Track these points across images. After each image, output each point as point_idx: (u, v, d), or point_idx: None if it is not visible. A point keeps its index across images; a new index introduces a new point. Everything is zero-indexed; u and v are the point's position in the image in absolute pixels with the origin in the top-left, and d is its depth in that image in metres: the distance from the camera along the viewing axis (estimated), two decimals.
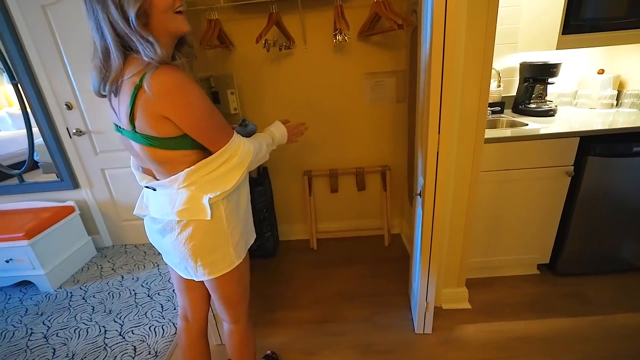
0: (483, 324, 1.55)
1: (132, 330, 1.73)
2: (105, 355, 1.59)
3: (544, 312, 1.60)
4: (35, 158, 2.46)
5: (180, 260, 0.91)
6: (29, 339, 1.75)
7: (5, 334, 1.80)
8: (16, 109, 2.44)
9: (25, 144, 2.38)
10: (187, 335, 1.12)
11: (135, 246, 2.58)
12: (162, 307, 1.88)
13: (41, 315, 1.93)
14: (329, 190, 2.24)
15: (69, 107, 2.21)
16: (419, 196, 1.36)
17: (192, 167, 0.82)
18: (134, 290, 2.06)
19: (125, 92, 0.74)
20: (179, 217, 0.84)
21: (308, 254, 2.25)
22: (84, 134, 2.27)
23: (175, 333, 1.69)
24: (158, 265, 2.30)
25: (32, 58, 2.10)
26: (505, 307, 1.64)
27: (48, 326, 1.83)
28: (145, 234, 1.03)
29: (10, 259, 2.05)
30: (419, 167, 1.36)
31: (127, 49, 0.74)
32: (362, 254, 2.19)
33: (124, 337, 1.69)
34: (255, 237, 1.07)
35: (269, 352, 1.48)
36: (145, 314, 1.84)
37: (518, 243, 1.71)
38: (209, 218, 0.84)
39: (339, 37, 1.65)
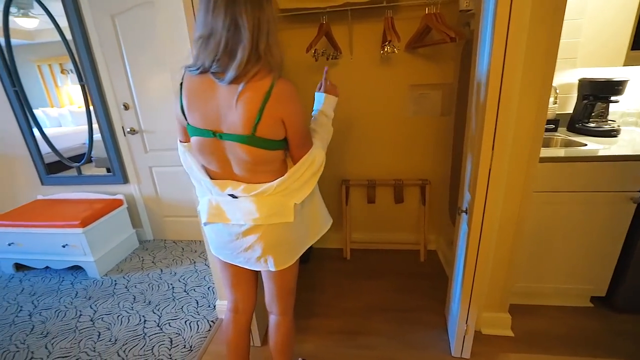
0: (526, 355, 1.45)
1: (169, 323, 1.80)
2: (144, 344, 1.67)
3: (595, 349, 1.46)
4: (87, 151, 2.67)
5: (254, 255, 0.98)
6: (77, 320, 1.87)
7: (58, 313, 1.94)
8: (76, 107, 2.66)
9: (81, 139, 2.59)
10: (235, 326, 1.19)
11: (174, 242, 2.70)
12: (197, 303, 1.95)
13: (89, 299, 2.06)
14: (365, 201, 2.23)
15: (126, 107, 2.38)
16: (464, 213, 1.31)
17: (284, 177, 0.91)
18: (171, 284, 2.15)
19: (250, 97, 0.79)
20: (268, 222, 0.92)
21: (341, 263, 2.23)
22: (136, 132, 2.43)
23: (210, 329, 1.73)
24: (194, 262, 2.39)
25: (99, 62, 2.28)
26: (553, 340, 1.52)
27: (95, 310, 1.95)
28: (182, 233, 1.09)
29: (66, 244, 2.22)
30: (466, 182, 1.32)
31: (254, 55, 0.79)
32: (395, 268, 2.14)
33: (161, 329, 1.76)
34: (329, 225, 1.18)
35: (300, 359, 1.48)
36: (181, 308, 1.91)
37: (569, 271, 1.59)
38: (292, 220, 0.94)
39: (387, 49, 1.65)
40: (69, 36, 2.23)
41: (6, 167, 2.78)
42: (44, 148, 2.61)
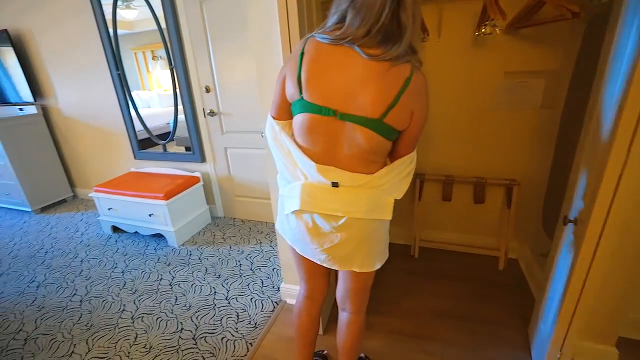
0: None
1: (236, 298, 1.89)
2: (214, 315, 1.78)
3: None
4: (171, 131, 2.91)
5: (340, 254, 0.93)
6: (159, 283, 2.07)
7: (143, 274, 2.17)
8: (162, 90, 2.90)
9: (166, 120, 2.82)
10: (307, 313, 1.18)
11: (242, 221, 2.83)
12: (262, 282, 2.01)
13: (168, 265, 2.26)
14: (440, 198, 2.06)
15: (207, 90, 2.51)
16: (571, 223, 1.11)
17: (389, 166, 0.87)
18: (239, 261, 2.26)
19: (391, 81, 0.74)
20: (368, 216, 0.87)
21: (408, 261, 2.12)
22: (215, 114, 2.56)
23: (273, 310, 1.78)
24: (260, 242, 2.48)
25: (186, 48, 2.43)
26: None
27: (173, 276, 2.14)
28: (251, 213, 1.06)
29: (152, 214, 2.46)
30: (578, 188, 1.11)
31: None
32: (468, 273, 1.96)
33: (229, 302, 1.86)
34: None
35: (362, 355, 1.44)
36: (247, 286, 1.99)
37: None
38: (390, 218, 0.90)
39: (485, 29, 1.45)
40: (163, 25, 2.41)
41: (109, 141, 3.16)
42: (137, 126, 2.91)
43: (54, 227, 2.98)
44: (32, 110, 3.26)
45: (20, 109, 3.33)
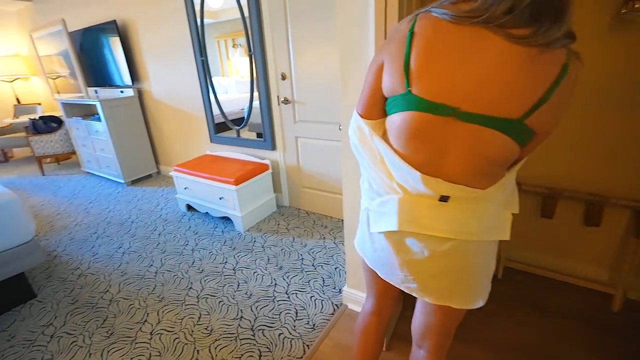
0: None
1: (296, 293, 1.84)
2: (273, 307, 1.75)
3: None
4: (245, 116, 2.96)
5: (439, 285, 0.77)
6: (224, 266, 2.13)
7: (211, 255, 2.26)
8: (239, 77, 2.96)
9: (241, 106, 2.88)
10: (374, 331, 1.06)
11: (307, 212, 2.79)
12: (323, 281, 1.93)
13: (233, 249, 2.32)
14: (538, 213, 1.74)
15: (283, 77, 2.47)
16: None
17: (507, 175, 0.70)
18: (301, 254, 2.21)
19: (541, 72, 0.56)
20: (483, 237, 0.71)
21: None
22: (289, 102, 2.52)
23: (333, 313, 1.69)
24: (324, 238, 2.40)
25: (266, 34, 2.41)
26: None
27: (237, 261, 2.18)
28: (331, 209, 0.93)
29: (222, 197, 2.54)
30: None
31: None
32: (568, 307, 1.63)
33: (288, 297, 1.82)
34: None
35: None
36: (308, 282, 1.93)
37: None
38: (508, 238, 0.72)
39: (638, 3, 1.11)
40: (245, 13, 2.42)
41: (190, 124, 3.36)
42: (215, 111, 3.02)
43: (140, 199, 3.29)
44: (129, 92, 3.62)
45: (121, 92, 3.72)
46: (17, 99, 5.52)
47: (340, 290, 1.84)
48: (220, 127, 3.09)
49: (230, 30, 2.75)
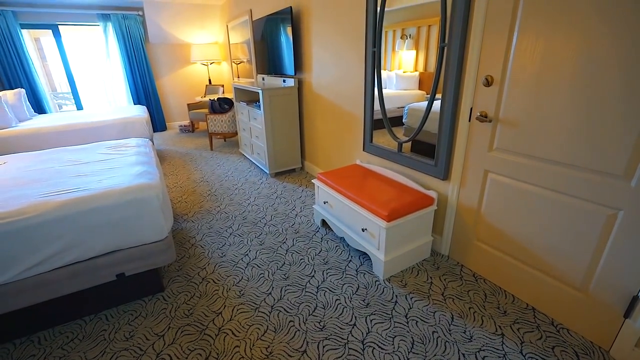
0: None
1: None
2: None
3: None
4: (404, 119, 2.30)
5: None
6: (350, 332, 1.56)
7: (337, 305, 1.73)
8: (402, 71, 2.29)
9: (399, 103, 2.32)
10: None
11: (474, 276, 1.94)
12: None
13: (367, 306, 1.73)
14: None
15: (488, 82, 1.66)
16: None
17: None
18: (463, 354, 1.43)
19: None
20: None
21: None
22: (488, 120, 1.69)
23: None
24: (502, 332, 1.53)
25: (477, 12, 1.63)
26: None
27: (368, 328, 1.57)
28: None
29: (365, 229, 1.98)
30: None
31: None
32: None
33: None
34: None
35: None
36: None
37: None
38: None
39: None
40: None
41: (345, 124, 2.93)
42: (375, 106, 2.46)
43: (279, 196, 3.10)
44: (291, 82, 3.46)
45: (284, 81, 3.61)
46: (209, 80, 6.44)
47: None
48: (377, 124, 2.52)
49: (402, 19, 2.14)
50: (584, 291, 1.49)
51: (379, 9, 2.21)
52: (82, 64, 5.84)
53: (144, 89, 5.91)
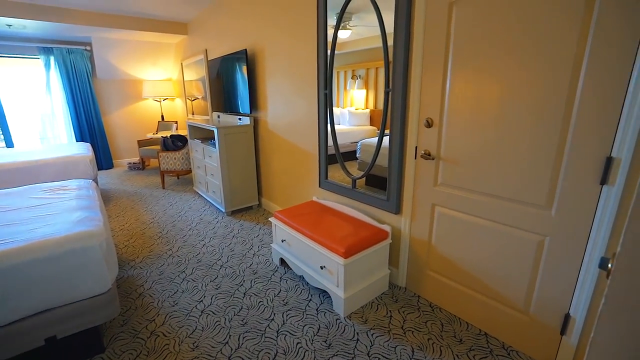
0: None
1: None
2: None
3: None
4: (357, 154, 2.45)
5: None
6: None
7: (299, 349, 1.67)
8: (354, 109, 2.48)
9: (351, 139, 2.48)
10: None
11: (430, 306, 2.00)
12: None
13: (328, 347, 1.69)
14: None
15: (428, 124, 1.83)
16: None
17: None
18: None
19: None
20: None
21: None
22: (432, 158, 1.85)
23: None
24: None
25: (414, 65, 1.83)
26: None
27: None
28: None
29: (324, 267, 1.98)
30: None
31: None
32: None
33: None
34: None
35: None
36: None
37: None
38: None
39: None
40: (389, 42, 1.90)
41: (300, 161, 3.00)
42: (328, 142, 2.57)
43: (235, 236, 3.01)
44: (246, 120, 3.51)
45: (240, 119, 3.65)
46: (162, 116, 6.29)
47: None
48: (333, 159, 2.62)
49: (353, 62, 2.36)
50: (526, 313, 1.61)
51: (329, 51, 2.38)
52: (15, 98, 5.39)
53: (89, 125, 5.60)
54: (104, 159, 5.82)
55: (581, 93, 1.28)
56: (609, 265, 0.68)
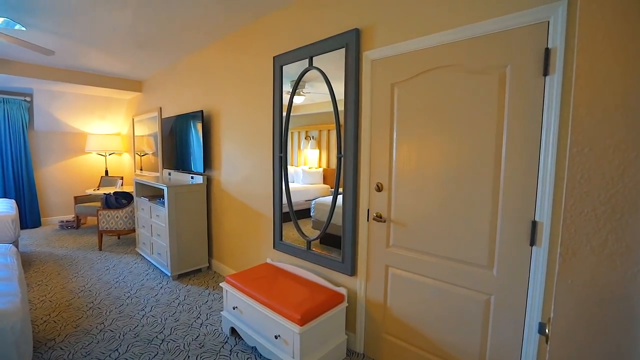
0: None
1: None
2: None
3: None
4: (312, 213, 2.51)
5: None
6: None
7: None
8: (307, 167, 2.61)
9: (306, 197, 2.58)
10: None
11: None
12: None
13: None
14: None
15: (378, 188, 1.96)
16: None
17: None
18: None
19: None
20: None
21: None
22: (383, 221, 1.94)
23: None
24: None
25: (364, 133, 2.00)
26: None
27: None
28: None
29: (279, 336, 1.86)
30: None
31: None
32: None
33: None
34: None
35: None
36: None
37: None
38: None
39: None
40: (340, 107, 2.09)
41: (253, 222, 2.94)
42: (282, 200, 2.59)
43: (181, 303, 2.75)
44: (199, 179, 3.44)
45: (192, 177, 3.57)
46: (106, 171, 5.91)
47: None
48: (287, 217, 2.61)
49: (306, 123, 2.55)
50: None
51: (284, 115, 2.51)
52: None
53: (16, 179, 5.06)
54: (29, 216, 5.19)
55: (505, 162, 1.48)
56: (546, 331, 0.74)
